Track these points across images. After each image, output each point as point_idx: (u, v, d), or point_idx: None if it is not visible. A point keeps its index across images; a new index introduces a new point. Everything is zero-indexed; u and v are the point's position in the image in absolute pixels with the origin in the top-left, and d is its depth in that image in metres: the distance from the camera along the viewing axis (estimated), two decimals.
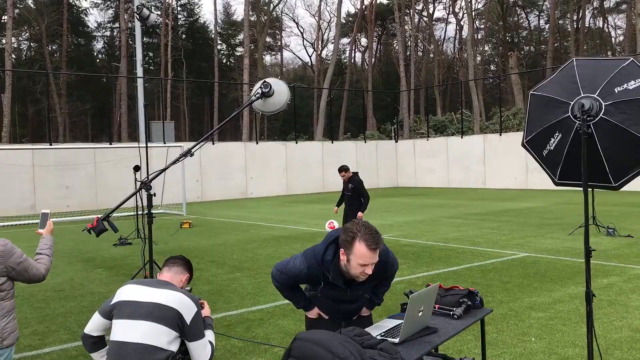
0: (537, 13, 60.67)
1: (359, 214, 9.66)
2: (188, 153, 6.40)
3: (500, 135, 28.53)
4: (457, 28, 57.81)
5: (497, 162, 28.32)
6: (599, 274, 8.24)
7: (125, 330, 2.98)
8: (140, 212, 14.09)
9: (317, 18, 54.20)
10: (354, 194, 9.68)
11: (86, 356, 5.52)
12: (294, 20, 73.53)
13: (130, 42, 37.79)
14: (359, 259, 2.91)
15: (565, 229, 12.76)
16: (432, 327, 2.85)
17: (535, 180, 26.79)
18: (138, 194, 6.88)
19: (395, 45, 63.29)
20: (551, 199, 20.76)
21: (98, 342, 3.21)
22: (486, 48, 60.25)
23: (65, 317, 6.93)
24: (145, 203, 6.32)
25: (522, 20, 61.82)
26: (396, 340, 2.68)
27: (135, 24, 25.33)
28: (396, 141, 33.84)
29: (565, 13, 53.30)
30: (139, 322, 2.98)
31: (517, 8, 58.23)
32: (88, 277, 9.36)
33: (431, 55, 56.26)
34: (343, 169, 9.74)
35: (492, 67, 63.63)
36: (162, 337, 2.97)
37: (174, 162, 6.43)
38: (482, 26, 57.06)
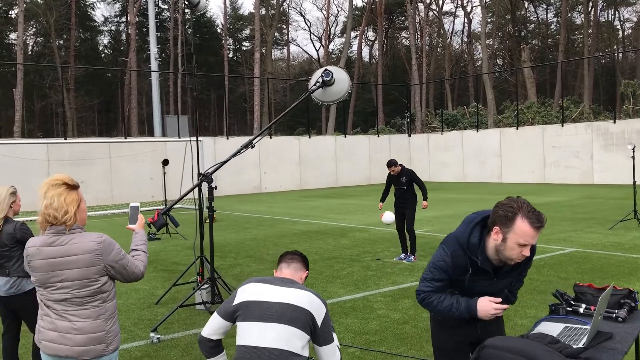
0: (545, 7, 60.29)
1: (424, 202, 9.36)
2: (249, 144, 6.16)
3: (517, 128, 28.22)
4: (466, 21, 57.35)
5: (514, 156, 28.02)
6: None
7: (256, 334, 2.72)
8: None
9: (324, 12, 53.75)
10: (409, 187, 9.37)
11: (151, 356, 5.27)
12: (301, 14, 72.94)
13: (137, 37, 37.54)
14: (520, 238, 2.64)
15: (602, 224, 12.49)
16: (606, 332, 2.57)
17: (553, 174, 26.50)
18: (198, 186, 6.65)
19: (402, 40, 62.92)
20: (573, 193, 20.48)
21: (217, 346, 2.96)
22: (492, 42, 59.83)
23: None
24: (204, 195, 6.11)
25: (529, 14, 61.43)
26: (580, 346, 2.41)
27: (149, 15, 24.96)
28: (409, 135, 33.53)
29: (574, 6, 52.91)
30: (271, 325, 2.72)
31: (525, 2, 57.84)
32: None
33: (439, 49, 55.90)
34: (393, 164, 9.41)
35: (499, 62, 63.30)
36: (296, 341, 2.71)
37: (235, 154, 6.20)
38: (490, 20, 56.65)
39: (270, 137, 28.01)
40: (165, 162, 12.66)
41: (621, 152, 24.19)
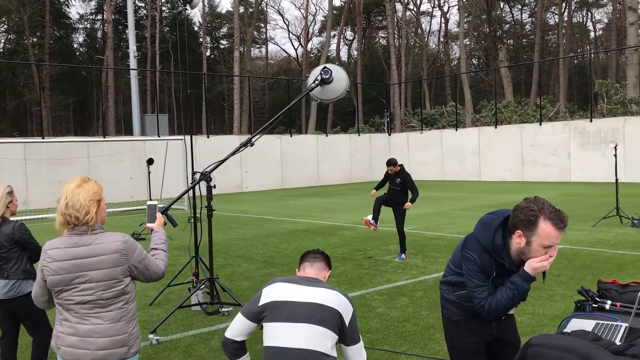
0: (520, 7, 61.08)
1: (408, 204, 9.37)
2: (248, 143, 6.11)
3: (496, 127, 28.54)
4: (443, 21, 57.82)
5: (492, 154, 28.32)
6: None
7: (286, 335, 2.67)
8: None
9: (303, 11, 53.68)
10: (402, 189, 9.39)
11: (152, 358, 5.19)
12: (280, 13, 72.72)
13: (112, 35, 37.01)
14: (545, 240, 2.63)
15: (586, 221, 12.68)
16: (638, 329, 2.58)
17: (531, 173, 26.86)
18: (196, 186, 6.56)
19: (380, 39, 63.15)
20: (553, 191, 20.77)
21: (241, 347, 2.91)
22: (468, 42, 60.42)
23: None
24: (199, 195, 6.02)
25: (504, 15, 62.17)
26: (617, 342, 2.42)
27: (128, 13, 24.64)
28: (389, 134, 33.68)
29: (548, 7, 53.69)
30: (301, 325, 2.68)
31: (500, 2, 58.51)
32: None
33: (416, 49, 56.21)
34: (392, 163, 9.44)
35: (474, 61, 63.94)
36: (325, 341, 2.68)
37: (233, 153, 6.13)
38: (466, 20, 57.16)
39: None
40: (150, 162, 12.50)
41: (597, 151, 24.63)
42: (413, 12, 54.11)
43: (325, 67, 6.23)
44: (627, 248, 9.39)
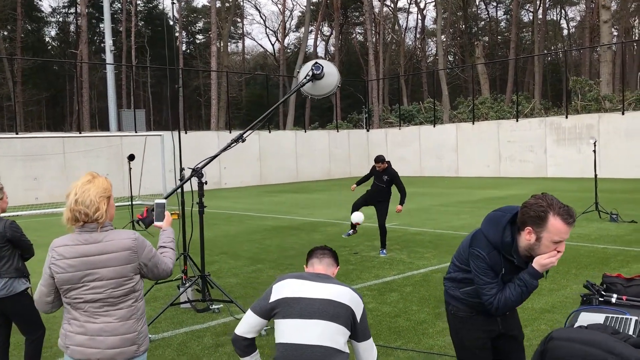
0: (495, 4, 61.75)
1: (399, 206, 9.39)
2: (240, 138, 6.06)
3: (473, 124, 28.82)
4: (419, 18, 58.12)
5: (470, 150, 28.61)
6: (631, 260, 8.29)
7: (299, 331, 2.66)
8: (134, 203, 13.54)
9: (280, 6, 53.47)
10: (388, 187, 9.40)
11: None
12: (257, 8, 72.33)
13: (87, 29, 36.34)
14: (555, 236, 2.65)
15: None
16: None
17: (508, 168, 27.21)
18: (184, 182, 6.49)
19: (356, 35, 63.24)
20: (530, 187, 21.05)
21: (251, 344, 2.88)
22: (445, 38, 60.91)
23: None
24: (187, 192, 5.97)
25: (480, 12, 62.78)
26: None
27: (104, 6, 24.21)
28: (368, 130, 33.78)
29: (523, 4, 54.35)
30: (314, 322, 2.66)
31: None
32: None
33: (393, 45, 56.42)
34: (381, 160, 9.41)
35: (450, 58, 64.46)
36: (339, 337, 2.67)
37: (225, 148, 6.08)
38: (442, 17, 57.56)
39: (230, 132, 27.70)
40: (131, 157, 12.35)
41: (573, 147, 25.06)
42: (390, 9, 54.32)
43: (316, 63, 6.20)
44: (608, 242, 9.57)
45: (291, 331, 2.67)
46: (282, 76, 48.48)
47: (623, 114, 23.79)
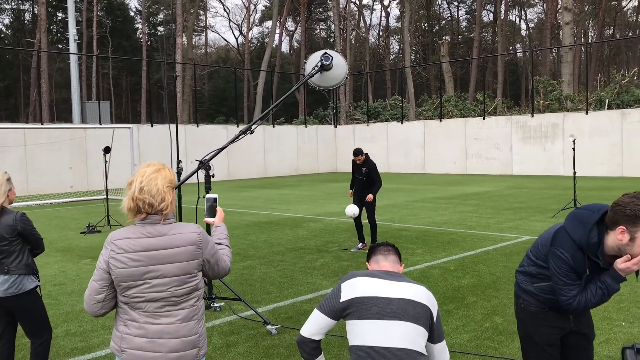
0: (457, 4, 62.61)
1: (369, 196, 9.26)
2: (248, 130, 5.85)
3: (440, 121, 29.10)
4: (384, 15, 58.44)
5: (437, 147, 28.89)
6: None
7: (379, 333, 2.48)
8: (110, 197, 13.06)
9: (245, 0, 52.90)
10: (368, 178, 9.29)
11: None
12: (220, 1, 71.16)
13: (40, 17, 35.02)
14: None
15: (542, 212, 13.08)
16: None
17: (475, 165, 27.60)
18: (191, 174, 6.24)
19: (320, 31, 63.14)
20: (500, 184, 21.39)
21: (318, 347, 2.70)
22: (410, 37, 61.32)
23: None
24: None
25: (442, 11, 63.55)
26: None
27: None
28: (335, 126, 33.72)
29: (484, 5, 55.25)
30: (395, 323, 2.50)
31: None
32: (80, 269, 8.46)
33: (357, 42, 56.55)
34: (359, 152, 9.28)
35: (412, 57, 65.03)
36: (420, 339, 2.52)
37: (233, 140, 5.86)
38: (408, 15, 57.96)
39: (197, 126, 27.19)
40: (107, 150, 11.89)
41: (538, 145, 25.58)
42: (355, 4, 54.40)
43: (325, 53, 6.05)
44: None
45: (370, 333, 2.50)
46: (246, 69, 47.94)
47: (587, 113, 24.39)
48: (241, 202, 17.24)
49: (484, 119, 27.59)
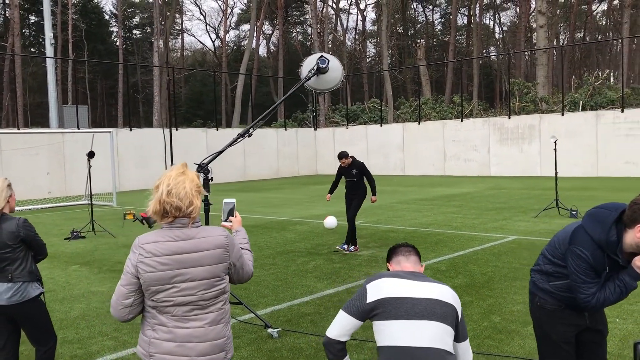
0: (432, 7, 63.23)
1: (373, 197, 9.37)
2: (246, 133, 5.84)
3: (419, 123, 29.35)
4: (361, 19, 58.75)
5: (416, 149, 29.13)
6: None
7: (409, 333, 2.52)
8: (82, 203, 12.89)
9: (220, 2, 52.67)
10: (359, 180, 9.35)
11: None
12: (196, 4, 70.75)
13: (13, 20, 34.45)
14: None
15: (525, 212, 13.28)
16: None
17: (453, 167, 27.88)
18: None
19: (297, 35, 63.19)
20: (479, 185, 21.65)
21: (344, 348, 2.72)
22: (387, 40, 61.68)
23: (86, 320, 6.08)
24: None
25: (417, 15, 64.11)
26: None
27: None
28: (315, 129, 33.78)
29: (458, 8, 55.94)
30: (424, 323, 2.53)
31: (414, 2, 60.27)
32: (69, 275, 8.34)
33: (334, 45, 56.73)
34: (344, 156, 9.32)
35: (388, 60, 65.44)
36: (448, 338, 2.56)
37: (232, 143, 5.85)
38: (381, 18, 58.36)
39: (177, 129, 26.99)
40: (91, 155, 11.74)
41: (515, 146, 25.96)
42: (332, 8, 54.63)
43: (322, 56, 6.08)
44: None
45: (400, 333, 2.53)
46: (224, 73, 47.73)
47: (563, 114, 24.84)
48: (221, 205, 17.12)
49: (461, 121, 27.90)
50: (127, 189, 24.28)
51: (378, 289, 2.65)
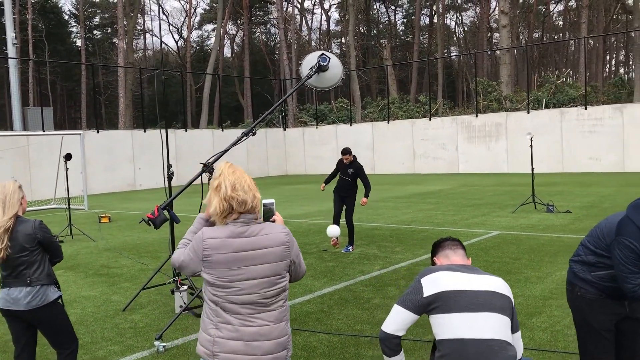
0: (394, 8, 63.80)
1: (364, 199, 9.43)
2: (250, 132, 5.80)
3: (388, 122, 29.61)
4: (325, 19, 58.83)
5: (385, 148, 29.37)
6: None
7: (470, 325, 2.54)
8: (50, 207, 12.58)
9: (184, 2, 52.03)
10: (353, 180, 9.39)
11: None
12: (159, 4, 69.50)
13: None
14: None
15: (502, 208, 13.54)
16: None
17: (422, 165, 28.22)
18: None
19: (261, 35, 62.90)
20: (450, 182, 21.97)
21: (400, 343, 2.74)
22: (350, 40, 61.97)
23: (85, 326, 5.93)
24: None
25: (380, 15, 64.63)
26: None
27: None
28: (284, 129, 33.70)
29: (421, 9, 56.63)
30: (485, 315, 2.57)
31: (376, 2, 60.74)
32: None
33: (295, 45, 56.68)
34: (348, 152, 9.38)
35: (351, 60, 65.80)
36: (507, 330, 2.60)
37: (236, 143, 5.80)
38: (343, 19, 58.63)
39: (145, 131, 26.55)
40: (68, 157, 11.46)
41: (482, 144, 26.44)
42: (297, 8, 54.58)
43: (323, 54, 6.07)
44: (558, 232, 10.15)
45: (461, 326, 2.55)
46: (189, 72, 47.17)
47: (529, 112, 25.43)
48: (195, 207, 16.94)
49: (430, 119, 28.27)
50: (96, 192, 23.76)
51: (435, 283, 2.67)
